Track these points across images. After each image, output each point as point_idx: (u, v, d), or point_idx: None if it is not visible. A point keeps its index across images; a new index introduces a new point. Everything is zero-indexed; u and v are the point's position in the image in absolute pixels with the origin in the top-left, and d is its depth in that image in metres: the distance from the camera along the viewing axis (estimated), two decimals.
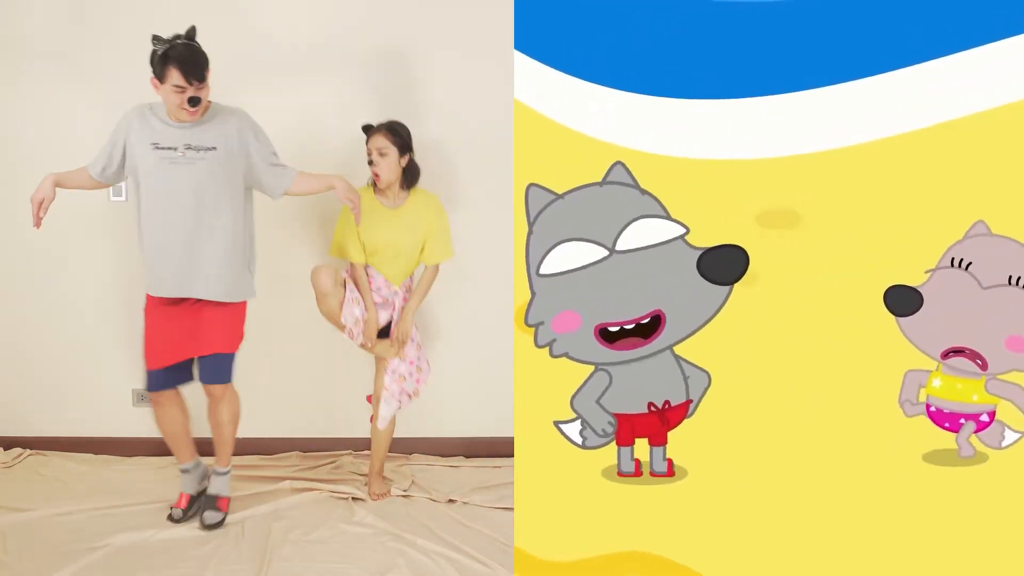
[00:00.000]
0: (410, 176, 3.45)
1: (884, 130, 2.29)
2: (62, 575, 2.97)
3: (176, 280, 3.18)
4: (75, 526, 3.33)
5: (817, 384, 2.40)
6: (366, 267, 3.47)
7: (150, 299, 3.27)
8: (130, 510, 3.45)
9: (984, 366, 2.36)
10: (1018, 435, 2.39)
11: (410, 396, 3.55)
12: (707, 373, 2.40)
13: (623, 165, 2.31)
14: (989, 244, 2.31)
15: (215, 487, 3.43)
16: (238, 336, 3.33)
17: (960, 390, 2.39)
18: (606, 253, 2.35)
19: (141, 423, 3.91)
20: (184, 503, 3.41)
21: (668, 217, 2.33)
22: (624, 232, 2.34)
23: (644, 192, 2.32)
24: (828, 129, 2.29)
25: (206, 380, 3.32)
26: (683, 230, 2.33)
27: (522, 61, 2.29)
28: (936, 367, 2.38)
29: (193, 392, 3.39)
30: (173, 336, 3.24)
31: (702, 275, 2.35)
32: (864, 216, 2.33)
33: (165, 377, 3.31)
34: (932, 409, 2.40)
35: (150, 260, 3.20)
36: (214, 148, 3.13)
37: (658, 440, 2.45)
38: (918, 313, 2.34)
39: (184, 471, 3.47)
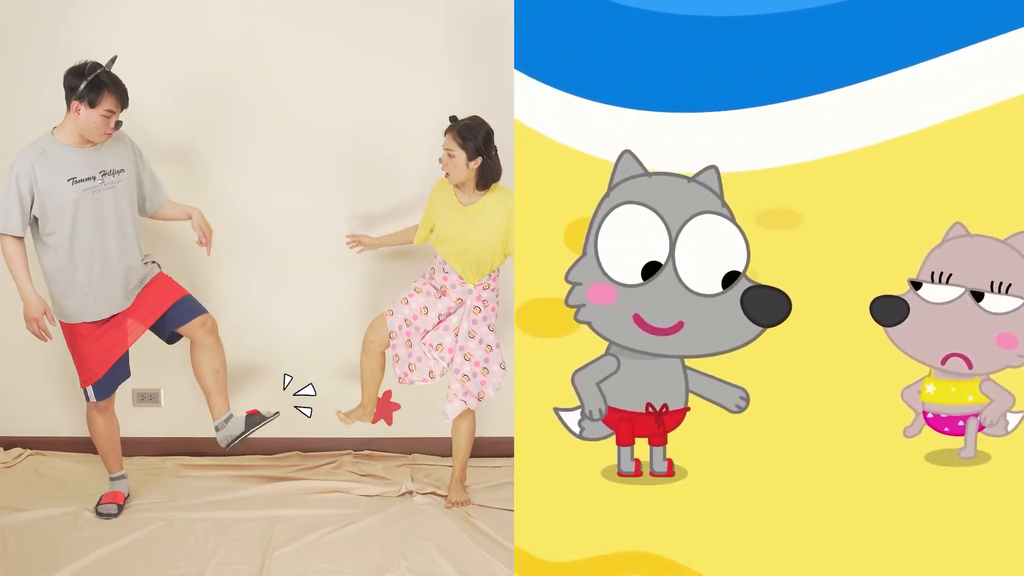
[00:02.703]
0: (484, 178, 3.32)
1: (881, 134, 2.30)
2: (62, 575, 2.98)
3: (119, 299, 3.30)
4: (75, 526, 3.33)
5: (817, 384, 2.40)
6: (443, 262, 3.41)
7: (76, 325, 3.30)
8: (129, 510, 3.45)
9: (970, 366, 2.37)
10: (1020, 414, 2.40)
11: (477, 398, 3.45)
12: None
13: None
14: (968, 246, 2.31)
15: (235, 428, 3.41)
16: (177, 287, 3.42)
17: (955, 393, 2.39)
18: (664, 238, 2.36)
19: (141, 423, 3.91)
20: (122, 499, 3.48)
21: (732, 220, 2.33)
22: (688, 224, 2.35)
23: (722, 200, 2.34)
24: (824, 136, 2.30)
25: (184, 321, 3.35)
26: (743, 261, 2.34)
27: (522, 81, 2.30)
28: (928, 372, 2.39)
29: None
30: (114, 335, 3.33)
31: (744, 311, 2.36)
32: (864, 217, 2.33)
33: (112, 378, 3.39)
34: (929, 416, 2.40)
35: (84, 291, 3.24)
36: (123, 170, 3.27)
37: (658, 440, 2.46)
38: (906, 322, 2.35)
39: (122, 477, 3.55)
